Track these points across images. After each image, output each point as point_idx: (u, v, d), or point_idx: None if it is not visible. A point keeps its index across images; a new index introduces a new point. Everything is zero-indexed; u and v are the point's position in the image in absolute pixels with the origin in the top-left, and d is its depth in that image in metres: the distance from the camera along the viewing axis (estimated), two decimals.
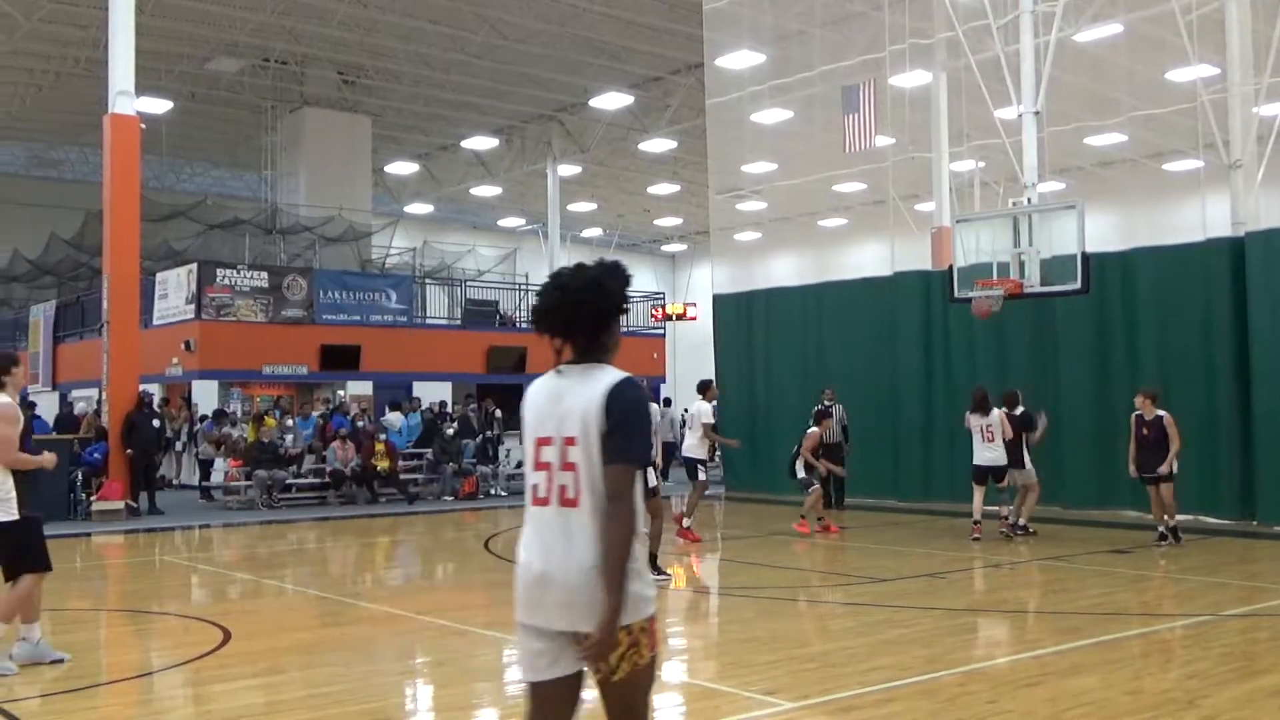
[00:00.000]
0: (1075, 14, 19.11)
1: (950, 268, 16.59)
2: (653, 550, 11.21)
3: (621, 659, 3.52)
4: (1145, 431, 13.41)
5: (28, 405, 24.60)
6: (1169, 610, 10.10)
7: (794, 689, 6.93)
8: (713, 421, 14.96)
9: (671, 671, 7.97)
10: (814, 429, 15.53)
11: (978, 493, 14.59)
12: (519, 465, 24.81)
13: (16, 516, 7.39)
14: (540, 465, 3.66)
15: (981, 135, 19.45)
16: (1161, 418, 13.33)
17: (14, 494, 7.41)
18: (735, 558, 14.24)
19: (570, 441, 3.61)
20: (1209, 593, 10.77)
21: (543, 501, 3.63)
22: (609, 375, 3.67)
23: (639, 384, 3.71)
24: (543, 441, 3.68)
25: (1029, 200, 15.92)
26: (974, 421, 14.55)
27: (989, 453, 14.37)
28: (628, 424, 3.57)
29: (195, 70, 30.17)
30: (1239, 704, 6.46)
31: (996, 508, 14.81)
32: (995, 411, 14.46)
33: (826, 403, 17.39)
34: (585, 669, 3.58)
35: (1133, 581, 11.35)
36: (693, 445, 15.02)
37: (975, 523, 14.49)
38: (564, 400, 3.67)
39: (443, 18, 27.49)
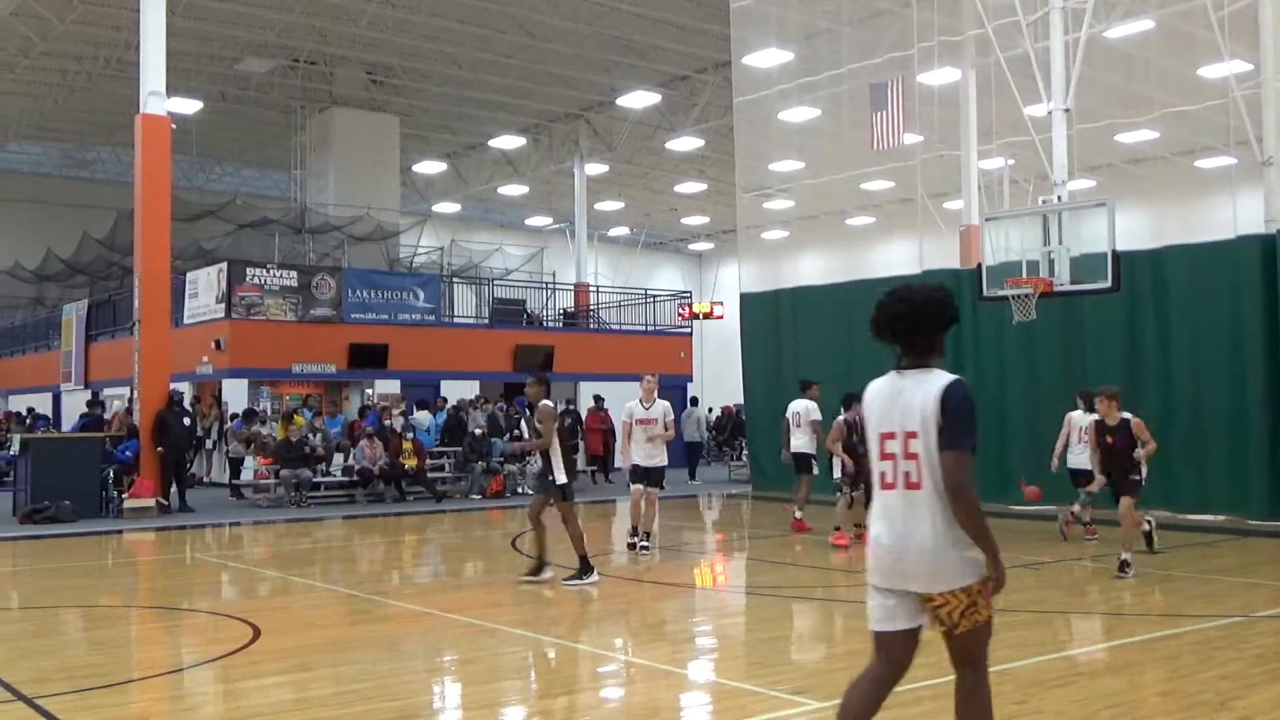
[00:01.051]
0: (1106, 10, 18.96)
1: (979, 266, 16.51)
2: (581, 550, 11.07)
3: (962, 615, 4.28)
4: (1110, 440, 11.60)
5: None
6: (1200, 611, 10.00)
7: (822, 688, 6.91)
8: (820, 418, 15.54)
9: (699, 670, 7.98)
10: (839, 418, 14.23)
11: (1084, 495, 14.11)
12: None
13: None
14: (885, 456, 4.38)
15: (1011, 133, 19.34)
16: (1128, 422, 11.63)
17: None
18: (763, 557, 14.22)
19: (912, 435, 4.31)
20: (1240, 593, 10.67)
21: (890, 486, 4.36)
22: (941, 377, 4.36)
23: (966, 384, 4.37)
24: (886, 435, 4.39)
25: (1059, 198, 15.81)
26: (1081, 420, 14.14)
27: (1083, 455, 13.99)
28: (959, 417, 4.25)
29: (225, 71, 30.39)
30: (1273, 705, 6.40)
31: (1057, 507, 14.61)
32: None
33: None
34: (922, 624, 4.35)
35: (1163, 582, 11.26)
36: (802, 442, 15.73)
37: (1086, 524, 14.24)
38: (903, 398, 4.38)
39: (471, 17, 27.56)
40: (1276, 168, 16.38)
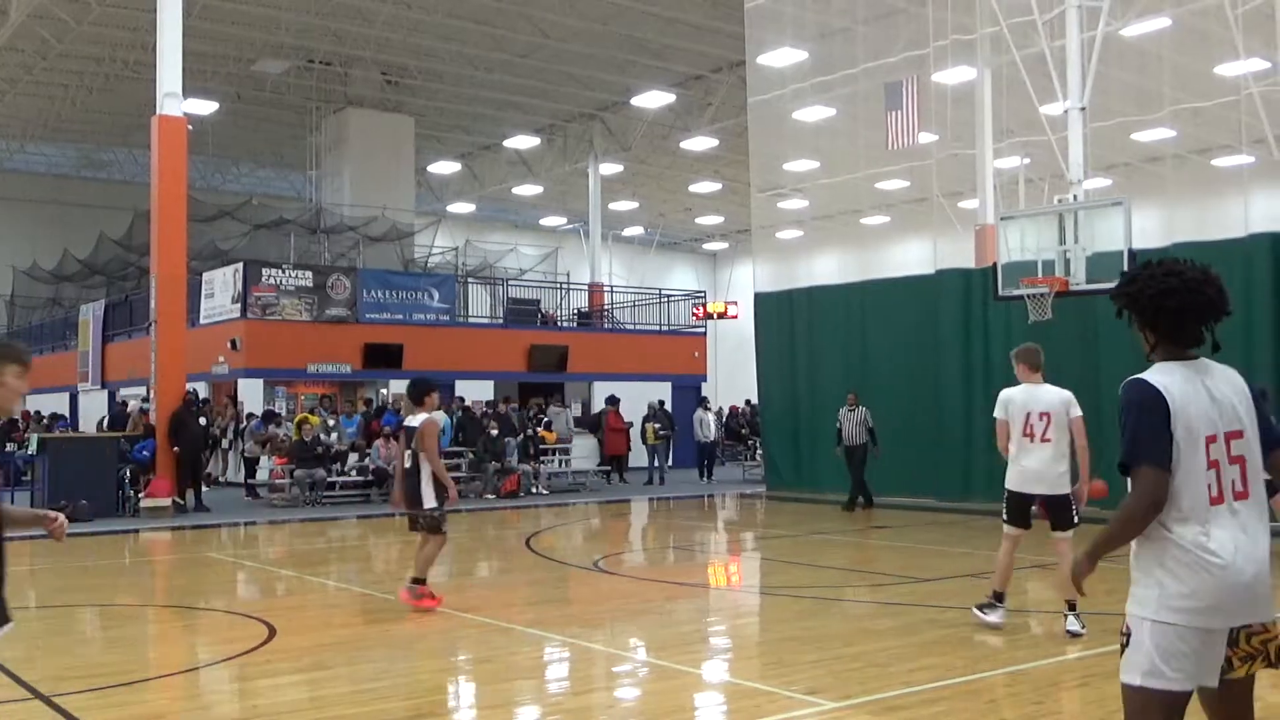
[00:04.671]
0: (1122, 8, 18.89)
1: (994, 265, 16.47)
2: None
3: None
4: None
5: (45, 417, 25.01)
6: None
7: (837, 689, 6.91)
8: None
9: (713, 671, 7.97)
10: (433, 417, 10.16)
11: None
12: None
13: None
14: (1210, 464, 3.56)
15: (1026, 131, 19.29)
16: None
17: None
18: (776, 557, 14.21)
19: (1235, 435, 3.60)
20: None
21: (1218, 500, 3.54)
22: (1226, 367, 3.75)
23: None
24: (1210, 439, 3.58)
25: (1074, 197, 15.75)
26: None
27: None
28: (1269, 410, 3.75)
29: (241, 71, 30.52)
30: None
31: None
32: None
33: (849, 406, 17.83)
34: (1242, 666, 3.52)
35: None
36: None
37: None
38: (1214, 394, 3.64)
39: (485, 17, 27.61)
40: None
